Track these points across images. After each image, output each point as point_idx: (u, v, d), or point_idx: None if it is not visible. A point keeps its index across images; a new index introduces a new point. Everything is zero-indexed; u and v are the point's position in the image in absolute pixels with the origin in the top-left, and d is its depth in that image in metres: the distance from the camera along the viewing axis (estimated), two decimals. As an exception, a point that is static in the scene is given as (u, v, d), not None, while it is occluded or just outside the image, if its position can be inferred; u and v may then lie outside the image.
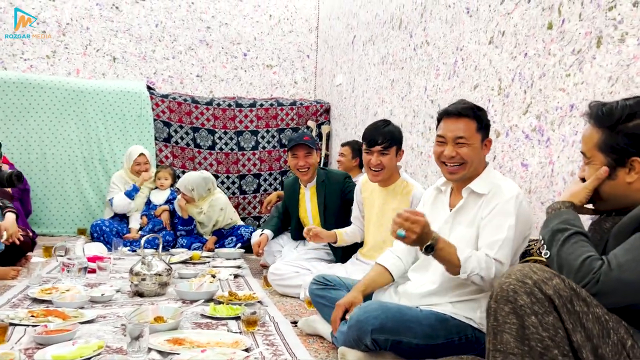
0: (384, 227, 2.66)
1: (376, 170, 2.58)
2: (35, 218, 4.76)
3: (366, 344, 1.78)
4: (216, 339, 2.00)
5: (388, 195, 2.67)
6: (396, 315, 1.79)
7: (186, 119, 5.38)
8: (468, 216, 1.85)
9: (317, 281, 2.24)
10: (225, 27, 6.09)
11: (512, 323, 1.16)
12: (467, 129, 1.83)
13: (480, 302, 1.83)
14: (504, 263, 1.71)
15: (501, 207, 1.75)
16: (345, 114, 5.13)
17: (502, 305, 1.18)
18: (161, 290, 2.76)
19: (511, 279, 1.18)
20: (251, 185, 5.53)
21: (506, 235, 1.72)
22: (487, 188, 1.81)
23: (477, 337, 1.82)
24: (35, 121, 4.90)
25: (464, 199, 1.86)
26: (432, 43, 3.28)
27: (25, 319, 2.19)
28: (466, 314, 1.83)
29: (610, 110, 1.29)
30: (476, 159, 1.84)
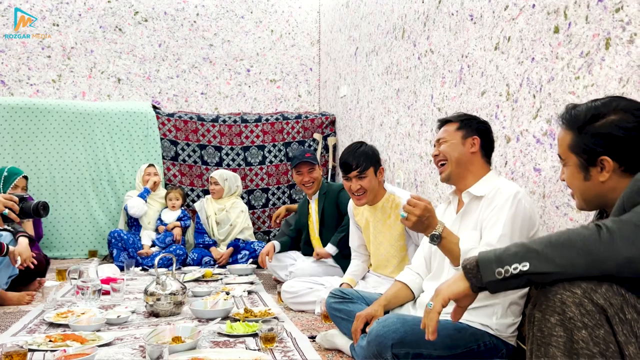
0: (383, 246, 2.67)
1: (359, 194, 2.62)
2: (46, 242, 4.78)
3: (386, 359, 1.76)
4: (235, 357, 1.99)
5: (377, 213, 2.68)
6: (415, 328, 1.77)
7: (192, 137, 5.41)
8: (472, 219, 1.90)
9: (334, 295, 2.23)
10: (228, 44, 6.13)
11: (560, 336, 1.08)
12: (448, 130, 2.02)
13: (494, 308, 1.83)
14: None
15: (499, 206, 1.81)
16: (351, 125, 5.14)
17: (547, 316, 1.10)
18: (176, 309, 2.75)
19: (558, 287, 1.09)
20: (260, 200, 5.53)
21: (502, 232, 1.76)
22: (486, 190, 1.89)
23: (494, 344, 1.82)
24: (44, 145, 4.93)
25: (466, 204, 1.93)
26: (437, 51, 3.28)
27: (43, 344, 2.18)
28: (482, 321, 1.83)
29: (577, 112, 1.31)
30: (456, 155, 1.96)
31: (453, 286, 1.24)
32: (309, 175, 3.54)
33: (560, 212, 2.17)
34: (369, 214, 2.70)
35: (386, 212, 2.64)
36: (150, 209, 4.69)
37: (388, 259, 2.65)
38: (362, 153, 2.59)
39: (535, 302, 1.14)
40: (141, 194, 4.66)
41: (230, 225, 4.59)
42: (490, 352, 1.80)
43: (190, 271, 3.92)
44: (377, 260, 2.74)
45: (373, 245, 2.74)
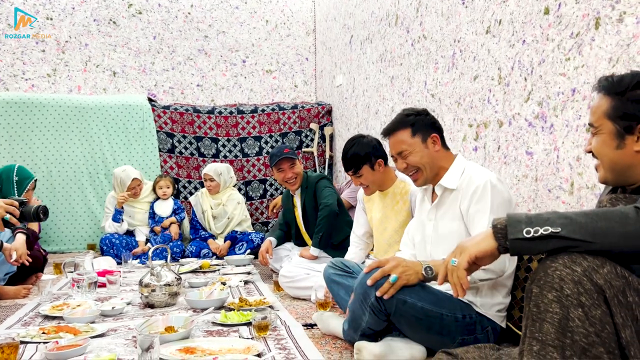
0: (387, 232, 2.68)
1: (364, 187, 2.71)
2: (45, 236, 4.78)
3: (371, 304, 1.79)
4: (228, 346, 1.99)
5: (387, 199, 2.70)
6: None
7: (189, 129, 5.39)
8: (448, 211, 1.94)
9: (335, 266, 2.24)
10: (223, 35, 6.10)
11: (555, 313, 1.07)
12: (401, 140, 1.98)
13: (480, 287, 1.87)
14: None
15: (478, 195, 1.83)
16: (347, 114, 5.12)
17: (545, 291, 1.08)
18: (171, 300, 2.75)
19: (557, 263, 1.08)
20: (257, 191, 5.52)
21: (488, 217, 1.78)
22: (457, 182, 1.91)
23: (479, 320, 1.86)
24: (40, 140, 4.93)
25: (439, 196, 1.97)
26: (430, 37, 3.26)
27: (36, 336, 2.18)
28: (468, 297, 1.86)
29: (620, 78, 1.28)
30: (427, 160, 1.96)
31: (481, 244, 1.23)
32: (291, 171, 3.46)
33: (552, 195, 2.16)
34: (379, 199, 2.73)
35: (395, 198, 2.65)
36: (137, 213, 4.62)
37: (391, 245, 2.66)
38: (353, 154, 2.62)
39: (534, 278, 1.12)
40: (114, 217, 4.46)
41: (227, 218, 4.57)
42: (474, 325, 1.83)
43: (188, 263, 3.91)
44: (379, 245, 2.75)
45: (377, 230, 2.76)
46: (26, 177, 3.57)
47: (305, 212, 3.50)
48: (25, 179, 3.55)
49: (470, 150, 2.79)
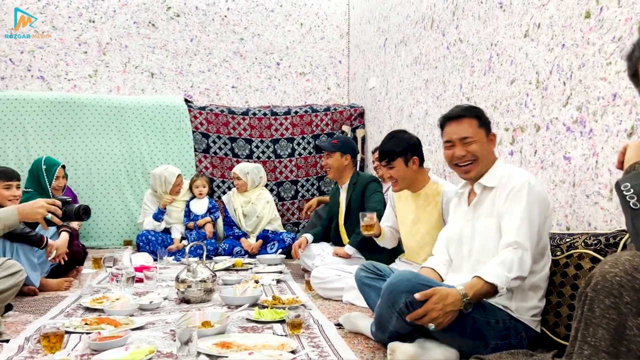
0: (419, 234, 2.68)
1: (392, 182, 2.70)
2: (83, 232, 4.93)
3: (399, 309, 1.78)
4: (262, 342, 2.03)
5: (419, 200, 2.70)
6: (429, 282, 1.83)
7: (224, 130, 5.49)
8: (485, 209, 1.94)
9: (367, 269, 2.25)
10: (258, 38, 6.19)
11: (611, 319, 1.04)
12: (470, 127, 1.96)
13: (514, 292, 1.85)
14: (525, 245, 1.76)
15: (513, 194, 1.84)
16: (380, 116, 5.13)
17: (602, 296, 1.06)
18: (207, 296, 2.81)
19: (618, 269, 1.05)
20: (289, 192, 5.58)
21: (521, 216, 1.78)
22: (497, 180, 1.92)
23: (513, 325, 1.83)
24: (81, 138, 5.09)
25: (478, 195, 1.96)
26: (466, 40, 3.25)
27: (79, 327, 2.27)
28: (502, 302, 1.85)
29: None
30: (485, 153, 1.96)
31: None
32: (325, 160, 3.60)
33: (590, 200, 2.13)
34: (411, 200, 2.73)
35: (427, 199, 2.66)
36: (174, 211, 4.72)
37: (422, 247, 2.65)
38: (392, 145, 2.65)
39: (590, 281, 1.10)
40: (155, 215, 4.57)
41: (257, 217, 4.63)
42: (507, 330, 1.81)
43: (221, 260, 3.99)
44: (410, 247, 2.76)
45: (409, 233, 2.75)
46: (53, 164, 3.82)
47: (348, 209, 3.51)
48: (53, 166, 3.79)
49: (506, 154, 2.77)
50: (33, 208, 2.30)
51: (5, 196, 3.08)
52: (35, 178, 3.73)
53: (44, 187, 3.71)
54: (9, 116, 4.96)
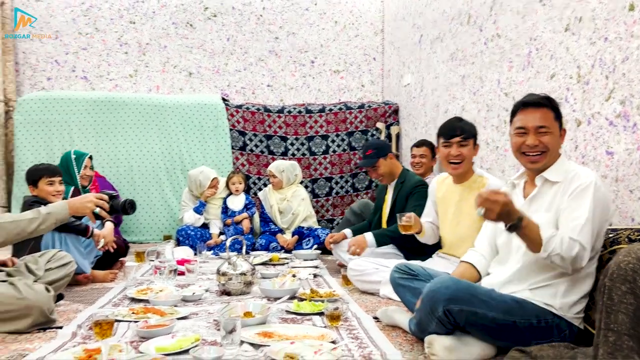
0: (461, 226, 2.66)
1: (456, 162, 2.63)
2: (125, 227, 5.10)
3: (439, 316, 1.80)
4: (303, 333, 2.08)
5: (464, 191, 2.67)
6: (469, 289, 1.83)
7: (259, 128, 5.58)
8: (544, 203, 1.88)
9: (400, 270, 2.27)
10: (293, 37, 6.25)
11: (630, 303, 1.11)
12: (547, 117, 1.89)
13: (558, 288, 1.83)
14: (585, 246, 1.72)
15: (580, 191, 1.78)
16: (415, 113, 5.12)
17: (618, 284, 1.13)
18: (246, 289, 2.88)
19: (631, 257, 1.13)
20: (323, 189, 5.63)
21: (587, 217, 1.74)
22: (562, 176, 1.85)
23: (557, 324, 1.81)
24: (122, 136, 5.25)
25: (538, 188, 1.90)
26: (504, 35, 3.22)
27: (127, 315, 2.37)
28: (545, 300, 1.83)
29: None
30: (555, 146, 1.89)
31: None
32: (373, 174, 3.55)
33: (634, 196, 2.10)
34: (453, 192, 2.71)
35: (472, 191, 2.63)
36: (212, 208, 4.83)
37: (464, 239, 2.63)
38: (465, 123, 2.66)
39: (607, 272, 1.15)
40: (197, 208, 4.71)
41: (292, 213, 4.70)
42: (550, 329, 1.80)
43: (259, 255, 4.07)
44: (450, 240, 2.74)
45: (450, 225, 2.73)
46: (82, 154, 3.99)
47: (394, 207, 3.47)
48: (82, 156, 3.96)
49: (546, 149, 2.74)
50: (83, 202, 2.41)
51: (49, 191, 3.22)
52: (65, 168, 3.86)
53: (73, 176, 3.86)
54: (55, 115, 5.16)
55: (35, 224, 2.23)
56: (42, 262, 2.56)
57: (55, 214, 2.31)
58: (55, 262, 2.63)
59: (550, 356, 1.61)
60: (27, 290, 2.18)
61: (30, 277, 2.40)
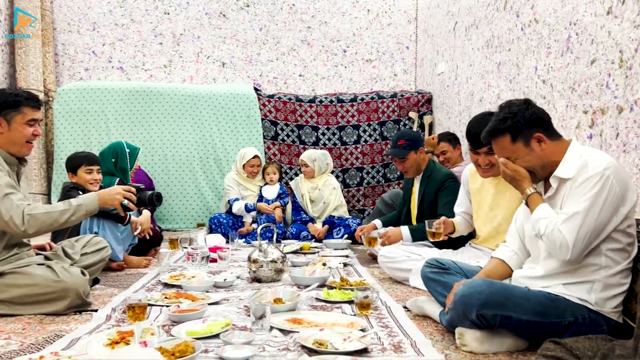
0: (497, 219, 2.60)
1: (486, 168, 2.53)
2: (159, 215, 5.20)
3: (472, 319, 1.78)
4: (332, 320, 2.08)
5: (500, 184, 2.57)
6: (501, 291, 1.78)
7: (291, 117, 5.58)
8: (559, 201, 1.82)
9: (430, 264, 2.24)
10: (325, 26, 6.22)
11: None
12: (504, 147, 1.89)
13: (594, 284, 1.77)
14: (567, 240, 1.69)
15: (585, 183, 1.72)
16: (449, 102, 5.03)
17: None
18: (277, 276, 2.90)
19: None
20: (354, 179, 5.60)
21: (578, 210, 1.69)
22: (573, 170, 1.78)
23: (593, 319, 1.76)
24: (157, 125, 5.34)
25: (555, 188, 1.85)
26: (542, 20, 3.12)
27: (160, 300, 2.41)
28: (580, 295, 1.77)
29: None
30: (535, 161, 1.85)
31: None
32: (401, 165, 3.44)
33: (679, 185, 2.01)
34: (489, 185, 2.63)
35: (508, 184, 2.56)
36: (250, 196, 4.88)
37: (498, 233, 2.57)
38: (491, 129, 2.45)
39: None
40: (248, 207, 4.72)
41: (323, 202, 4.71)
42: (587, 326, 1.74)
43: (289, 244, 4.08)
44: (486, 232, 2.67)
45: (486, 218, 2.67)
46: (134, 148, 4.03)
47: (422, 201, 3.40)
48: (135, 150, 4.01)
49: (585, 138, 2.65)
50: (111, 195, 2.46)
51: (87, 180, 3.30)
52: (116, 161, 3.90)
53: (125, 170, 3.92)
54: (92, 105, 5.28)
55: (67, 215, 2.29)
56: (78, 247, 2.63)
57: (85, 205, 2.36)
58: (90, 246, 2.70)
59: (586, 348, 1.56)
60: (64, 273, 2.25)
61: (67, 261, 2.46)
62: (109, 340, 1.79)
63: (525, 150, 1.84)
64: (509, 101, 1.93)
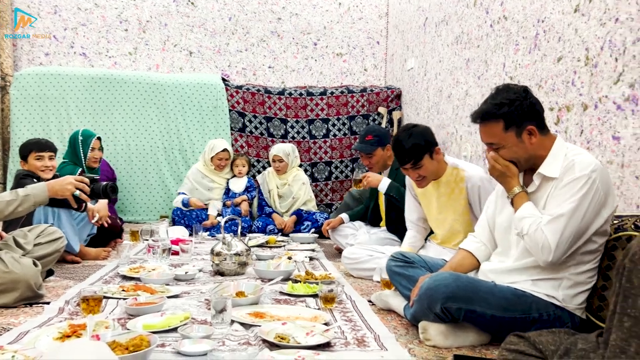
0: (448, 222, 2.61)
1: (419, 180, 2.56)
2: (121, 206, 5.05)
3: (436, 313, 1.77)
4: (296, 314, 2.03)
5: (441, 187, 2.60)
6: (468, 285, 1.77)
7: (260, 109, 5.50)
8: (541, 200, 1.78)
9: (395, 258, 2.22)
10: (296, 18, 6.14)
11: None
12: (494, 133, 1.78)
13: (562, 282, 1.76)
14: (550, 242, 1.66)
15: (571, 184, 1.67)
16: (418, 98, 5.04)
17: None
18: (241, 269, 2.84)
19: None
20: (323, 173, 5.56)
21: (563, 211, 1.65)
22: (559, 170, 1.72)
23: (558, 316, 1.76)
24: (120, 114, 5.18)
25: (537, 185, 1.80)
26: (511, 17, 3.14)
27: (117, 292, 2.33)
28: (547, 292, 1.77)
29: None
30: (521, 154, 1.78)
31: None
32: (367, 160, 3.42)
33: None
34: (433, 189, 2.63)
35: (450, 186, 2.57)
36: (216, 188, 4.79)
37: (453, 234, 2.60)
38: (412, 146, 2.44)
39: (627, 253, 1.07)
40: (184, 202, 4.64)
41: (292, 197, 4.65)
42: (552, 322, 1.74)
43: (255, 237, 4.02)
44: (441, 235, 2.69)
45: (437, 220, 2.69)
46: (89, 135, 3.91)
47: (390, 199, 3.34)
48: (89, 137, 3.89)
49: (550, 134, 2.67)
50: (62, 185, 2.34)
51: (38, 167, 3.16)
52: (72, 149, 3.82)
53: (80, 158, 3.81)
54: (52, 91, 5.08)
55: (13, 206, 2.17)
56: (31, 237, 2.51)
57: (33, 195, 2.24)
58: (45, 237, 2.58)
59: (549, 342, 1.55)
60: (14, 264, 2.14)
61: (18, 251, 2.35)
62: (60, 334, 1.70)
63: (515, 141, 1.76)
64: (506, 85, 1.83)
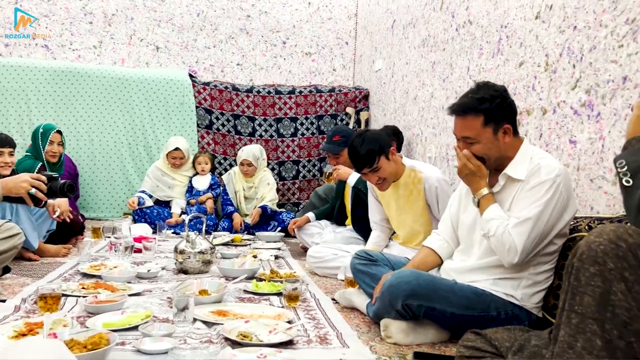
0: (408, 223, 2.65)
1: (379, 183, 2.56)
2: (83, 202, 4.94)
3: (397, 310, 1.80)
4: (259, 312, 2.03)
5: (399, 189, 2.63)
6: (429, 283, 1.81)
7: (227, 107, 5.46)
8: (506, 201, 1.81)
9: (359, 256, 2.24)
10: (265, 16, 6.12)
11: (597, 286, 1.07)
12: (472, 127, 1.77)
13: (522, 281, 1.81)
14: (517, 244, 1.69)
15: (537, 188, 1.70)
16: (385, 99, 5.09)
17: (587, 265, 1.08)
18: (205, 268, 2.81)
19: (602, 238, 1.08)
20: (290, 172, 5.57)
21: (530, 215, 1.68)
22: (525, 172, 1.75)
23: (516, 314, 1.80)
24: (84, 109, 5.06)
25: (502, 186, 1.82)
26: (475, 22, 3.21)
27: (76, 290, 2.28)
28: (506, 291, 1.82)
29: None
30: (493, 151, 1.79)
31: None
32: (334, 160, 3.44)
33: (594, 185, 2.12)
34: (392, 191, 2.65)
35: (408, 188, 2.59)
36: (177, 186, 4.71)
37: (414, 234, 2.64)
38: (366, 152, 2.44)
39: (576, 252, 1.11)
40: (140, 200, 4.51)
41: (257, 199, 4.59)
42: (509, 321, 1.78)
43: (220, 236, 3.99)
44: (403, 236, 2.73)
45: (398, 222, 2.72)
46: (49, 128, 3.83)
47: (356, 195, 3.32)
48: (48, 130, 3.81)
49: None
50: (16, 183, 2.27)
51: None
52: (34, 142, 3.74)
53: (40, 152, 3.72)
54: (12, 83, 4.92)
55: None
56: (-14, 233, 2.43)
57: None
58: (1, 233, 2.49)
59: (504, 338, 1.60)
60: (-33, 261, 2.06)
61: (-27, 248, 2.27)
62: (15, 332, 1.66)
63: (490, 138, 1.77)
64: (486, 82, 1.85)
